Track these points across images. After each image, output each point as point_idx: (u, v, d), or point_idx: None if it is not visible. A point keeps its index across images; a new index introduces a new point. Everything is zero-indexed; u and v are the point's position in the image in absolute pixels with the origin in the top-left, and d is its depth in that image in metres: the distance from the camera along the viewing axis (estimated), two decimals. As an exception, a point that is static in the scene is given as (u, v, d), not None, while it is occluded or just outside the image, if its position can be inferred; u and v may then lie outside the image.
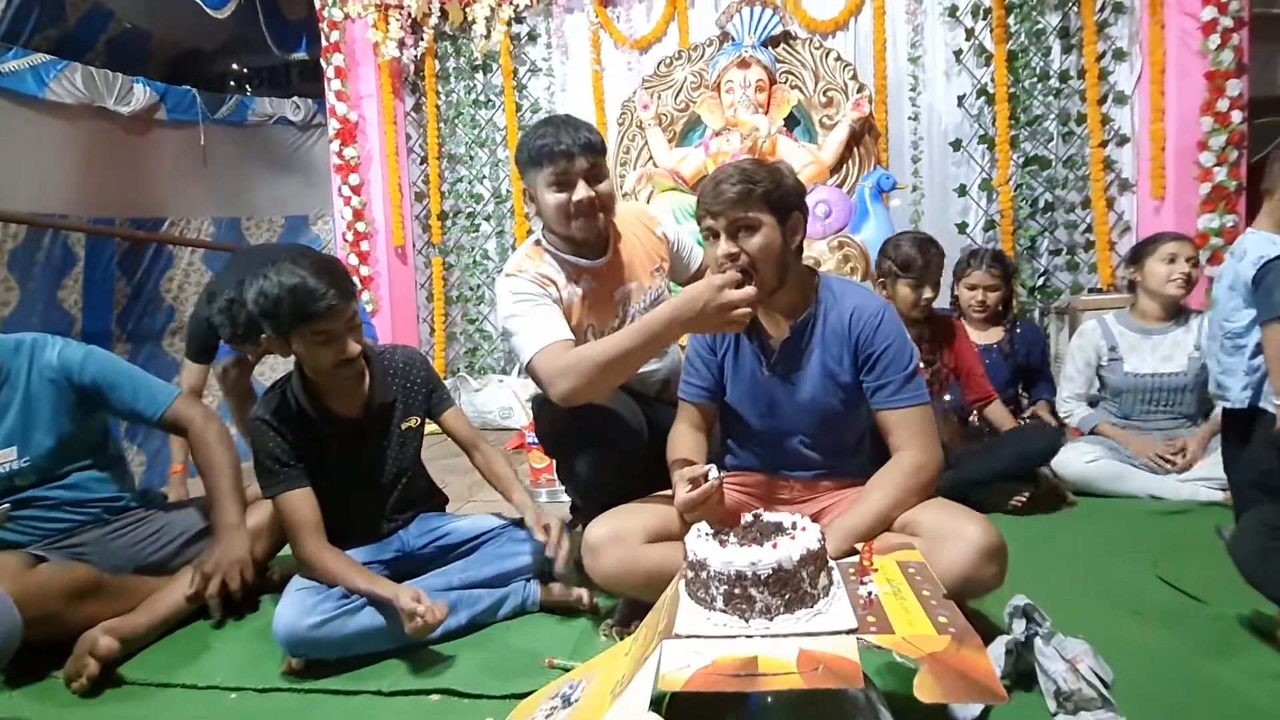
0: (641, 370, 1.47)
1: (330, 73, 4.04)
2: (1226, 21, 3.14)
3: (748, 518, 0.99)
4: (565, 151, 1.39)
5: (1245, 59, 3.19)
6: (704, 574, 0.85)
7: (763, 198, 1.21)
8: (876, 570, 0.92)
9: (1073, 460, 2.04)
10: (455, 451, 1.62)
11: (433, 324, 4.39)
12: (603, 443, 1.39)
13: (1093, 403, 2.24)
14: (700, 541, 0.90)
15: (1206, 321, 2.06)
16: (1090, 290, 3.52)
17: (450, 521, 1.57)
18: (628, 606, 1.33)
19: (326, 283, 1.32)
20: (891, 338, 1.26)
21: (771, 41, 3.51)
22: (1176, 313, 2.12)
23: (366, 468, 1.52)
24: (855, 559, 0.96)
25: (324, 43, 4.06)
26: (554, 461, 1.63)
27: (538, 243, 1.54)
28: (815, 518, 1.36)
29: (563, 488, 1.65)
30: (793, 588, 0.81)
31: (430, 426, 1.61)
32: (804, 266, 1.33)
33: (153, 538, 1.60)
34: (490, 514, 1.60)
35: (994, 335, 2.39)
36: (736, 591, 0.82)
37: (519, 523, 1.53)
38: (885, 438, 1.27)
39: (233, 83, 4.97)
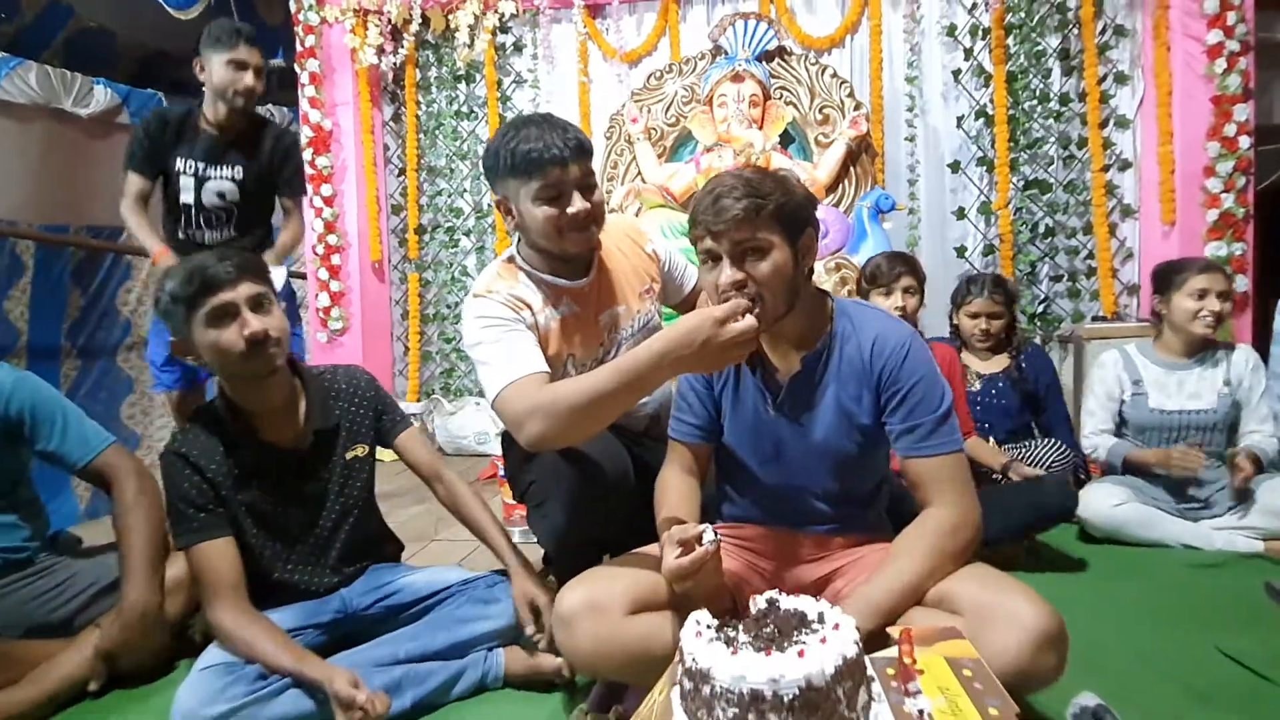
0: None
1: (304, 78, 3.85)
2: (1233, 45, 3.06)
3: (759, 603, 0.79)
4: (557, 159, 1.20)
5: (1251, 84, 3.11)
6: (706, 689, 0.65)
7: (773, 215, 1.03)
8: (923, 672, 0.73)
9: (1099, 504, 1.87)
10: (416, 481, 1.42)
11: (407, 343, 4.17)
12: (580, 489, 1.19)
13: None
14: (701, 644, 0.70)
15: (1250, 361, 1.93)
16: (1094, 319, 3.39)
17: (403, 575, 1.36)
18: (606, 688, 1.13)
19: (225, 261, 1.19)
20: (921, 372, 1.07)
21: (766, 56, 3.39)
22: (1204, 345, 1.97)
23: (304, 508, 1.31)
24: (891, 653, 0.77)
25: (299, 47, 3.88)
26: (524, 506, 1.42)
27: (511, 260, 1.36)
28: (828, 580, 1.18)
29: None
30: (825, 712, 0.62)
31: (388, 454, 1.41)
32: (815, 290, 1.15)
33: (54, 592, 1.37)
34: (454, 566, 1.39)
35: (1000, 364, 2.24)
36: (751, 717, 0.62)
37: (500, 573, 1.33)
38: (913, 491, 1.08)
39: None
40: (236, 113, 2.21)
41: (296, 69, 3.90)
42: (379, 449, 1.43)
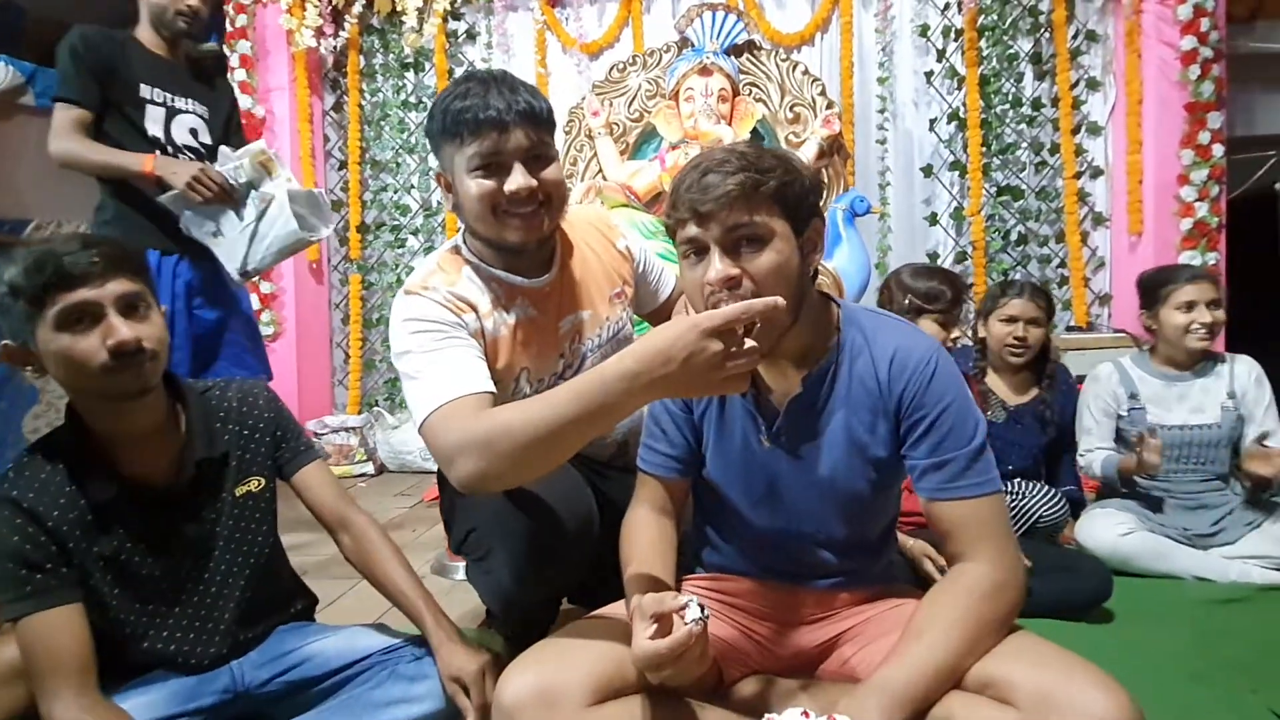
0: None
1: (234, 60, 3.52)
2: (1206, 52, 3.01)
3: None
4: (495, 120, 0.99)
5: (1224, 91, 3.07)
6: None
7: (774, 196, 0.82)
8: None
9: (1104, 534, 1.72)
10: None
11: (348, 349, 3.85)
12: (531, 544, 0.96)
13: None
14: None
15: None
16: (1067, 328, 3.30)
17: (312, 639, 1.09)
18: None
19: (91, 248, 0.93)
20: (951, 395, 0.87)
21: (735, 50, 3.22)
22: (1203, 355, 1.85)
23: (185, 558, 1.04)
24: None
25: (229, 28, 3.56)
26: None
27: (456, 250, 1.13)
28: (834, 645, 0.97)
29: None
30: None
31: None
32: (820, 294, 0.94)
33: None
34: (374, 627, 1.14)
35: (1028, 391, 1.88)
36: None
37: (416, 640, 1.08)
38: (941, 540, 0.89)
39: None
40: (177, 41, 1.83)
41: (226, 50, 3.57)
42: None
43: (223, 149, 1.85)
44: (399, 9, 3.55)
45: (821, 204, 3.05)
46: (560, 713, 0.78)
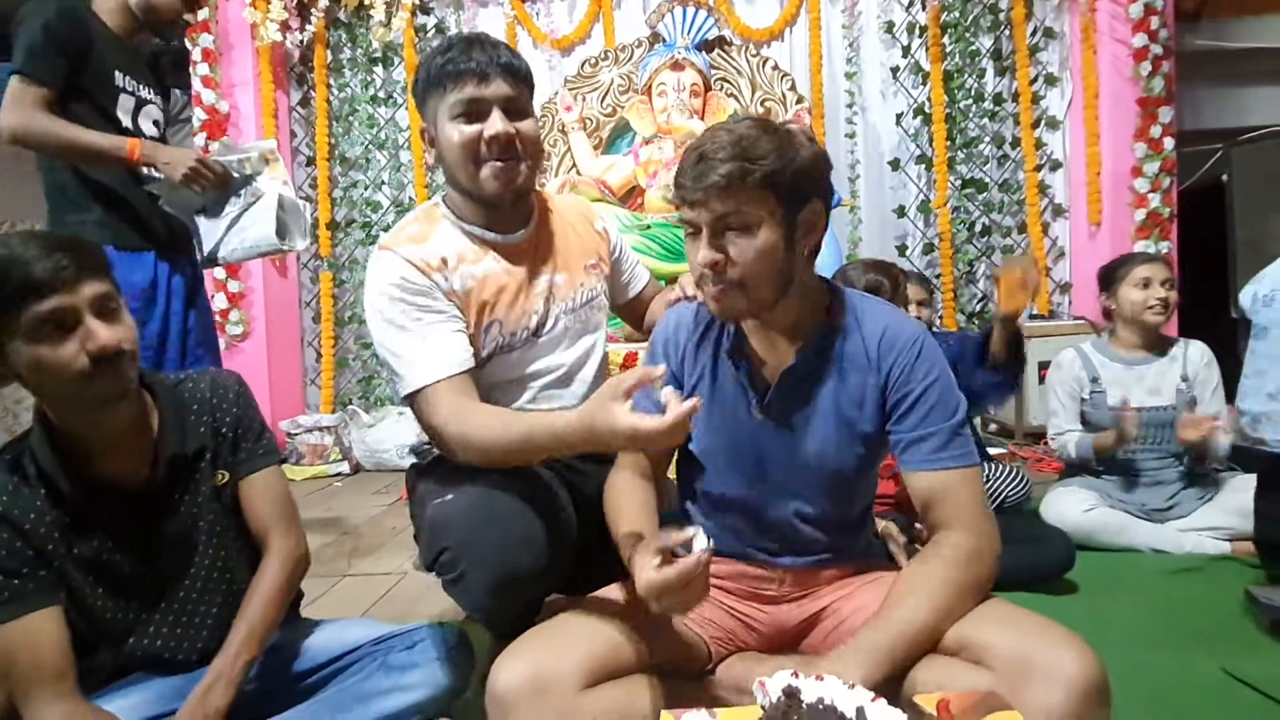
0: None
1: (197, 54, 3.44)
2: (1157, 49, 3.13)
3: (773, 690, 0.60)
4: (477, 70, 1.04)
5: (1174, 87, 3.19)
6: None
7: (764, 182, 0.85)
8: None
9: (1069, 510, 1.80)
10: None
11: (319, 348, 3.80)
12: (503, 562, 0.97)
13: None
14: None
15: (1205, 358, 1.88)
16: (1030, 317, 3.41)
17: (300, 634, 1.09)
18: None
19: (52, 253, 0.88)
20: (935, 374, 0.92)
21: (705, 46, 3.26)
22: (1158, 340, 1.94)
23: (167, 554, 1.03)
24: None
25: (191, 20, 3.47)
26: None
27: (434, 206, 1.17)
28: (815, 621, 1.01)
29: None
30: None
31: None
32: (817, 277, 0.98)
33: None
34: (365, 619, 1.14)
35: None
36: None
37: (406, 631, 1.08)
38: (922, 511, 0.92)
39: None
40: (140, 28, 1.72)
41: (188, 45, 3.48)
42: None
43: (224, 139, 1.81)
44: (366, 3, 3.51)
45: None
46: (554, 699, 0.80)
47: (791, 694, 0.60)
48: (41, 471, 0.94)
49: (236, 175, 1.74)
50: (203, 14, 3.45)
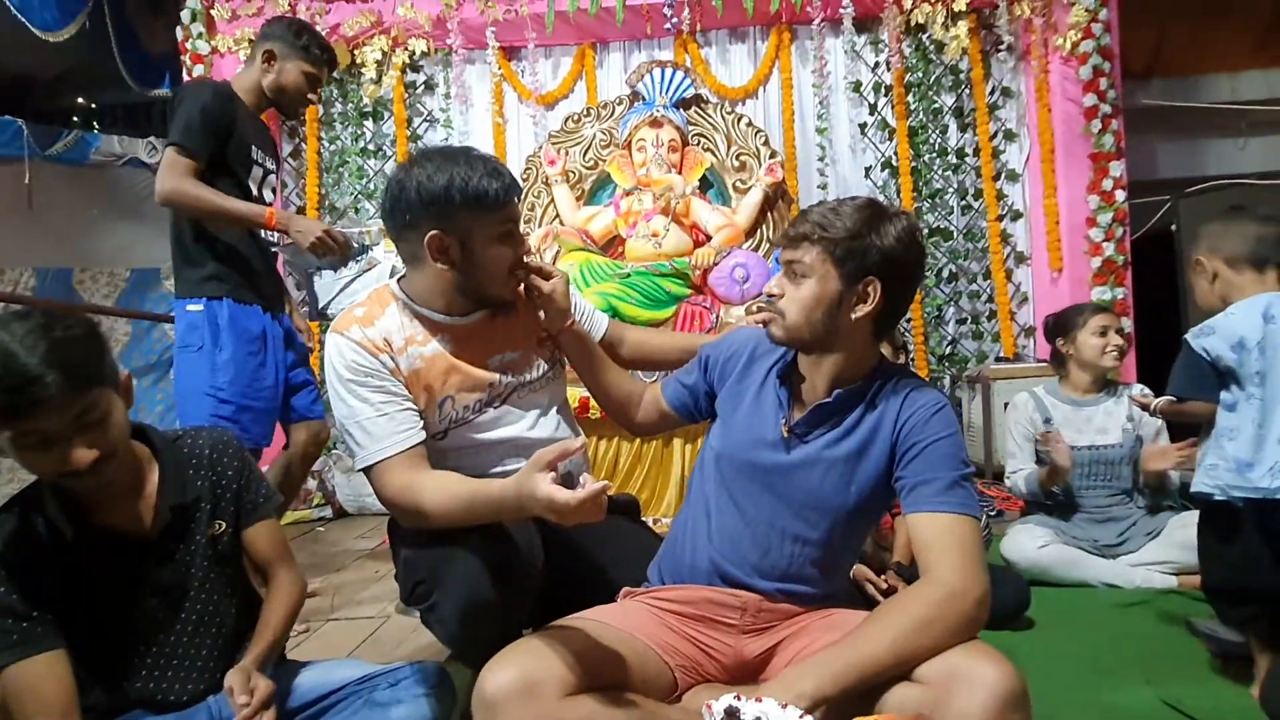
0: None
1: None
2: (1106, 108, 3.34)
3: (717, 711, 0.67)
4: (509, 197, 1.15)
5: (1123, 143, 3.40)
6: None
7: (825, 246, 1.02)
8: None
9: (1024, 545, 1.88)
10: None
11: (306, 393, 3.85)
12: (473, 592, 1.05)
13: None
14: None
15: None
16: (996, 359, 3.54)
17: (285, 675, 1.14)
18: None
19: (37, 362, 0.88)
20: (947, 430, 1.03)
21: (683, 104, 3.42)
22: (1106, 384, 2.06)
23: (161, 600, 1.08)
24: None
25: (186, 77, 3.62)
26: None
27: (385, 289, 1.22)
28: (773, 653, 1.07)
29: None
30: None
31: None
32: (876, 350, 1.10)
33: None
34: (351, 659, 1.19)
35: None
36: None
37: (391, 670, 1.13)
38: (917, 555, 0.99)
39: (75, 118, 4.36)
40: (272, 104, 1.94)
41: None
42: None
43: (349, 215, 1.98)
44: (358, 61, 3.67)
45: (766, 250, 3.16)
46: (540, 702, 0.86)
47: (731, 713, 0.67)
48: (45, 520, 1.00)
49: (355, 244, 1.95)
50: (198, 69, 3.61)
